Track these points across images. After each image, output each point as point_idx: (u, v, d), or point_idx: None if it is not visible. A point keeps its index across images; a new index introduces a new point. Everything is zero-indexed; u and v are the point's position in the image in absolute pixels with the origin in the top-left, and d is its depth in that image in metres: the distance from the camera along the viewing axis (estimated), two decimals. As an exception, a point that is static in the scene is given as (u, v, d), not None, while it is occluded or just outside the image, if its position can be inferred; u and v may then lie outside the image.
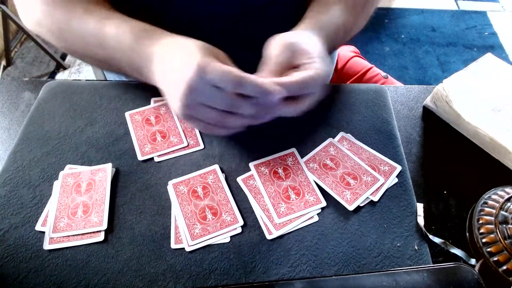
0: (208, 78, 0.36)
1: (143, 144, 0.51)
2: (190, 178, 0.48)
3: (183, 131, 0.53)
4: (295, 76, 0.40)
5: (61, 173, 0.48)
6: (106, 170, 0.48)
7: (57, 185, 0.47)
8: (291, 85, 0.39)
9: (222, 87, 0.37)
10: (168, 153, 0.51)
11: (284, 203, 0.46)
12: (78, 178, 0.48)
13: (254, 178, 0.48)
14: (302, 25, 0.48)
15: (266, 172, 0.49)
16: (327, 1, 0.52)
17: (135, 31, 0.44)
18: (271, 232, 0.44)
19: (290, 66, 0.42)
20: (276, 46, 0.42)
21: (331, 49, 0.53)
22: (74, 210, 0.45)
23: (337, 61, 0.83)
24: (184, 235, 0.43)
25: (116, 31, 0.44)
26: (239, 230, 0.44)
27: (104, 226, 0.44)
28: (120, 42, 0.44)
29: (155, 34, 0.44)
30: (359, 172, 0.49)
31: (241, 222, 0.44)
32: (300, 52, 0.42)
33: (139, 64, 0.44)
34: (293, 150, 0.51)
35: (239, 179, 0.48)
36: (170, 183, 0.47)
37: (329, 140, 0.53)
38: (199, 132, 0.53)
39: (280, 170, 0.49)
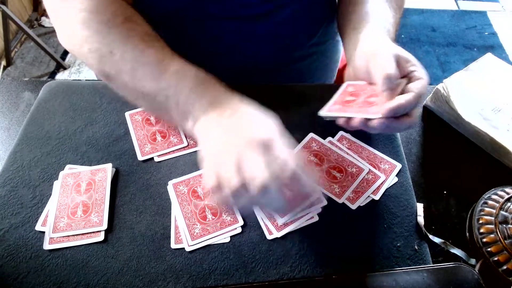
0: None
1: (143, 144, 0.51)
2: (190, 178, 0.48)
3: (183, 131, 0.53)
4: (413, 90, 0.40)
5: (61, 173, 0.48)
6: (106, 170, 0.48)
7: (57, 185, 0.47)
8: (414, 100, 0.40)
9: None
10: (168, 153, 0.51)
11: None
12: (78, 178, 0.48)
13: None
14: (374, 32, 0.47)
15: None
16: (369, 2, 0.51)
17: (200, 75, 0.41)
18: (271, 232, 0.44)
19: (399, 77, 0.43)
20: (380, 60, 0.42)
21: None
22: (74, 210, 0.45)
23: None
24: (184, 235, 0.43)
25: (180, 68, 0.41)
26: (239, 230, 0.44)
27: (104, 226, 0.44)
28: (181, 79, 0.41)
29: (219, 85, 0.42)
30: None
31: (241, 222, 0.44)
32: (404, 61, 0.42)
33: (191, 107, 0.40)
34: None
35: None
36: (170, 183, 0.47)
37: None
38: None
39: None
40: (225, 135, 0.37)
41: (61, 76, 1.83)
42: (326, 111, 0.46)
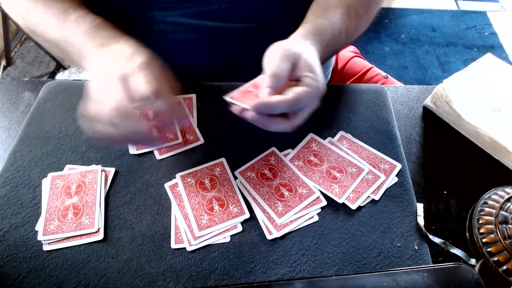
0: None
1: None
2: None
3: (180, 130, 0.53)
4: (294, 92, 0.40)
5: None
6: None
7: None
8: (286, 102, 0.39)
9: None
10: (163, 149, 0.51)
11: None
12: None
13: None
14: (301, 30, 0.48)
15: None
16: (327, 5, 0.51)
17: (96, 21, 0.46)
18: (271, 232, 0.44)
19: (291, 77, 0.42)
20: (277, 57, 0.41)
21: (330, 53, 0.52)
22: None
23: (337, 61, 0.83)
24: (187, 232, 0.43)
25: (79, 16, 0.47)
26: (240, 228, 0.44)
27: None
28: (79, 25, 0.46)
29: (112, 30, 0.46)
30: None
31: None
32: (302, 64, 0.42)
33: (84, 48, 0.45)
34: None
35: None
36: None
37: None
38: (197, 128, 0.53)
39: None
40: (98, 70, 0.42)
41: (61, 76, 1.83)
42: (228, 96, 0.46)
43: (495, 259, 0.41)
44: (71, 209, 0.45)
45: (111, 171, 0.49)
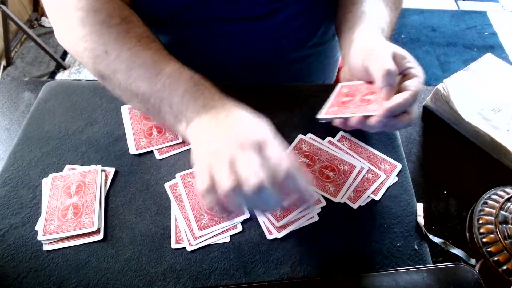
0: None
1: (138, 138, 0.51)
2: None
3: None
4: (411, 87, 0.40)
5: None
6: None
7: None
8: (412, 98, 0.39)
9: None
10: (163, 148, 0.51)
11: None
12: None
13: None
14: (369, 31, 0.47)
15: None
16: (366, 2, 0.51)
17: (195, 78, 0.41)
18: (271, 232, 0.44)
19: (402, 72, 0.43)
20: (377, 57, 0.42)
21: None
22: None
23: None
24: (186, 231, 0.43)
25: (175, 70, 0.41)
26: (240, 228, 0.44)
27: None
28: (175, 81, 0.41)
29: (213, 88, 0.41)
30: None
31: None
32: (400, 58, 0.42)
33: (184, 110, 0.40)
34: None
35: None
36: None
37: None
38: None
39: None
40: (218, 137, 0.37)
41: (61, 76, 1.83)
42: (324, 114, 0.46)
43: (495, 259, 0.41)
44: (70, 209, 0.45)
45: (111, 171, 0.49)
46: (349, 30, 0.49)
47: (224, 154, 0.34)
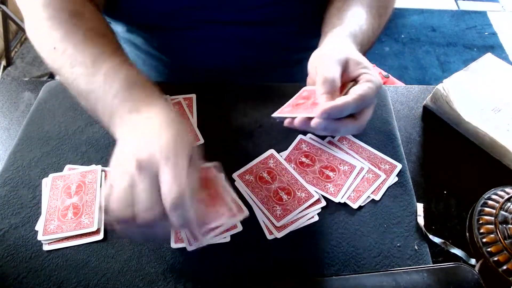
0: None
1: None
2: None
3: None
4: (358, 90, 0.39)
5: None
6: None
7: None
8: (353, 102, 0.39)
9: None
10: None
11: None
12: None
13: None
14: (334, 33, 0.47)
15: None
16: (349, 7, 0.51)
17: (129, 79, 0.40)
18: (271, 232, 0.44)
19: (344, 80, 0.42)
20: (325, 62, 0.41)
21: (363, 54, 0.52)
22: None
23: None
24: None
25: (110, 69, 0.41)
26: (240, 228, 0.44)
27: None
28: (109, 82, 0.40)
29: (146, 89, 0.41)
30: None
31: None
32: (353, 64, 0.42)
33: (114, 111, 0.39)
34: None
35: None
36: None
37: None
38: (197, 128, 0.53)
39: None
40: (126, 148, 0.36)
41: (61, 76, 1.83)
42: (276, 113, 0.47)
43: (495, 259, 0.41)
44: (70, 209, 0.45)
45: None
46: (324, 34, 0.49)
47: (124, 175, 0.33)
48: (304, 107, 0.44)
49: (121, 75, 0.40)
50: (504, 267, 0.40)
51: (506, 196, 0.45)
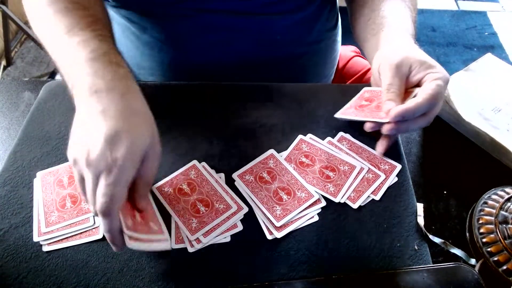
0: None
1: None
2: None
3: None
4: (425, 92, 0.40)
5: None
6: None
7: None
8: (425, 103, 0.40)
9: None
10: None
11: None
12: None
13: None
14: (393, 35, 0.48)
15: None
16: (382, 5, 0.51)
17: (96, 52, 0.40)
18: (271, 232, 0.44)
19: (411, 82, 0.43)
20: (387, 69, 0.42)
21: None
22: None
23: (338, 60, 0.83)
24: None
25: (81, 41, 0.41)
26: (241, 227, 0.44)
27: None
28: (77, 53, 0.40)
29: (112, 66, 0.39)
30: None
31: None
32: (416, 65, 0.42)
33: (77, 83, 0.39)
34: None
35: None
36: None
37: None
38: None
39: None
40: (82, 137, 0.36)
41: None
42: (340, 113, 0.50)
43: (495, 259, 0.41)
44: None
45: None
46: (373, 36, 0.50)
47: (79, 163, 0.35)
48: (370, 109, 0.47)
49: (90, 47, 0.40)
50: (504, 267, 0.40)
51: (506, 196, 0.45)
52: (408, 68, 0.43)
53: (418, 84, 0.45)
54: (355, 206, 0.46)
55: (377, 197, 0.47)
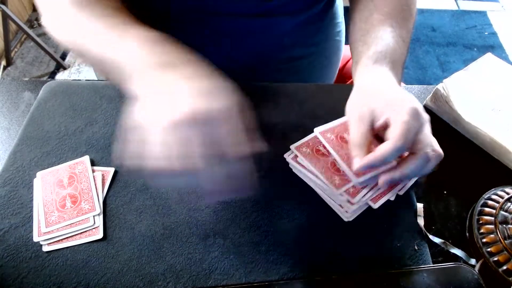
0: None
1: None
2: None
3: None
4: (392, 133, 0.37)
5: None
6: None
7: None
8: (398, 144, 0.36)
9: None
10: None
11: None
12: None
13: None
14: (365, 69, 0.45)
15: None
16: (372, 26, 0.49)
17: (153, 35, 0.38)
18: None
19: (381, 126, 0.40)
20: (356, 123, 0.40)
21: (402, 66, 0.49)
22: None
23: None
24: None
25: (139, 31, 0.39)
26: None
27: (98, 210, 0.44)
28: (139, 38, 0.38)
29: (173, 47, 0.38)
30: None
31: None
32: (381, 110, 0.39)
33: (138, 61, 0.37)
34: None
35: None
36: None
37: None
38: None
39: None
40: (157, 94, 0.34)
41: (61, 76, 1.83)
42: (319, 133, 0.48)
43: (495, 259, 0.41)
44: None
45: (111, 171, 0.49)
46: (354, 63, 0.48)
47: (171, 131, 0.32)
48: (347, 151, 0.45)
49: (152, 33, 0.38)
50: (504, 267, 0.40)
51: (506, 196, 0.45)
52: (370, 118, 0.40)
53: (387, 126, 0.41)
54: (375, 206, 0.45)
55: (392, 198, 0.46)
